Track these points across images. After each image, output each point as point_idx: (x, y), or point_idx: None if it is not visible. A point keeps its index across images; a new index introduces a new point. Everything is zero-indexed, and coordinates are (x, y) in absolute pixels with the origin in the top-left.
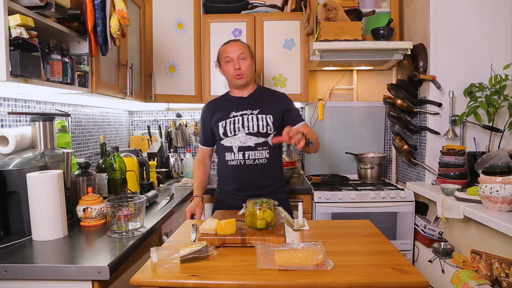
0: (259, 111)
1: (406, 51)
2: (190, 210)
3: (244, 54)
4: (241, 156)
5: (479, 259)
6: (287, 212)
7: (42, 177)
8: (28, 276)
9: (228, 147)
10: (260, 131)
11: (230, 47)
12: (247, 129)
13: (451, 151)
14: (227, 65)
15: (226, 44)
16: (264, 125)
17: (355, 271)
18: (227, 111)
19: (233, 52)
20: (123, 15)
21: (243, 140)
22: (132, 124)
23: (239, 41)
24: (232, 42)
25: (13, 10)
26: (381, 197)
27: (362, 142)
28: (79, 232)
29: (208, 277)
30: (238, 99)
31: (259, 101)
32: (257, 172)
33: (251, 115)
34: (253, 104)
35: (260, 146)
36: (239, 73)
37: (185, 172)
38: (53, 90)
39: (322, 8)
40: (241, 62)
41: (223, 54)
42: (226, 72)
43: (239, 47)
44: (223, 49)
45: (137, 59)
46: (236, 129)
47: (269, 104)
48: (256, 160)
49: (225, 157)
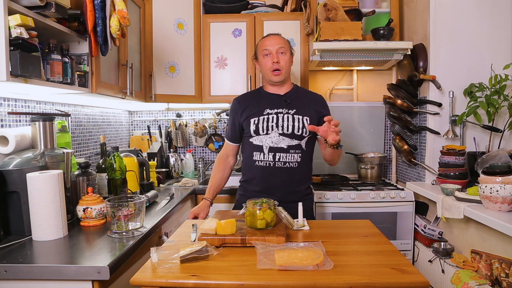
0: (295, 111)
1: (406, 51)
2: (194, 212)
3: (283, 49)
4: (271, 157)
5: (479, 259)
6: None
7: (42, 177)
8: (28, 276)
9: (257, 146)
10: (295, 133)
11: (269, 40)
12: (281, 129)
13: (451, 151)
14: (264, 59)
15: (266, 37)
16: (300, 127)
17: (355, 271)
18: (261, 107)
19: (272, 45)
20: (123, 15)
21: (275, 141)
22: (132, 124)
23: (279, 35)
24: (272, 35)
25: (13, 10)
26: (381, 197)
27: (362, 142)
28: (79, 232)
29: (208, 277)
30: (273, 96)
31: (297, 101)
32: (286, 176)
33: (286, 114)
34: (290, 103)
35: (293, 149)
36: (277, 67)
37: (185, 172)
38: (53, 90)
39: (322, 8)
40: (280, 56)
41: (261, 47)
42: (263, 66)
43: (279, 40)
44: (261, 42)
45: (137, 59)
46: (270, 127)
47: (307, 104)
48: (287, 163)
49: (253, 156)
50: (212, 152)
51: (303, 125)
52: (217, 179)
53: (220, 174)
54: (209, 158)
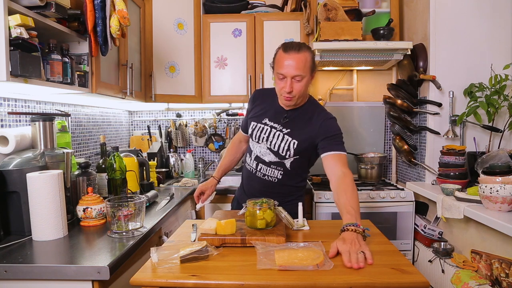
0: (288, 132)
1: (406, 51)
2: (201, 188)
3: (300, 77)
4: (254, 165)
5: (479, 259)
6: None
7: (42, 177)
8: (28, 276)
9: (250, 149)
10: (279, 152)
11: (289, 61)
12: (270, 144)
13: (451, 151)
14: (278, 80)
15: (286, 53)
16: (285, 149)
17: (355, 271)
18: (264, 114)
19: (289, 72)
20: (123, 15)
21: (262, 152)
22: (132, 124)
23: (302, 53)
24: (293, 53)
25: (13, 10)
26: (381, 197)
27: (362, 142)
28: (79, 232)
29: (208, 277)
30: (278, 108)
31: (295, 121)
32: (264, 186)
33: (279, 132)
34: (287, 122)
35: (275, 165)
36: (288, 96)
37: (185, 172)
38: (53, 90)
39: (322, 8)
40: (295, 84)
41: (279, 65)
42: (276, 85)
43: (299, 64)
44: (280, 58)
45: (137, 59)
46: (261, 138)
47: (303, 128)
48: (266, 176)
49: (246, 156)
50: (212, 152)
51: (288, 147)
52: (227, 160)
53: (231, 156)
54: (209, 158)
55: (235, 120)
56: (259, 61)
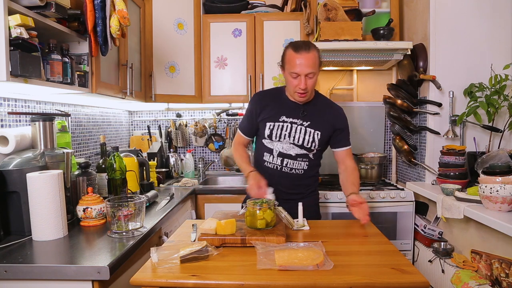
0: (309, 124)
1: (406, 51)
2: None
3: (312, 74)
4: (279, 161)
5: (479, 259)
6: (287, 214)
7: (42, 177)
8: (28, 276)
9: (268, 148)
10: (304, 145)
11: (301, 60)
12: (293, 139)
13: (451, 151)
14: (291, 78)
15: (297, 52)
16: (310, 141)
17: (355, 271)
18: (278, 112)
19: (302, 70)
20: (123, 15)
21: (285, 147)
22: (132, 124)
23: (311, 52)
24: (304, 53)
25: (13, 10)
26: (381, 197)
27: (362, 142)
28: (79, 232)
29: (208, 277)
30: (292, 104)
31: (313, 113)
32: (291, 181)
33: (300, 126)
34: (306, 115)
35: (301, 157)
36: (303, 92)
37: (185, 172)
38: (53, 90)
39: (322, 8)
40: (308, 81)
41: (291, 65)
42: (289, 83)
43: (310, 62)
44: (291, 57)
45: (137, 59)
46: (282, 136)
47: (322, 118)
48: (294, 169)
49: (263, 156)
50: (212, 152)
51: (313, 139)
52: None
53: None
54: (209, 158)
55: (235, 120)
56: (259, 61)
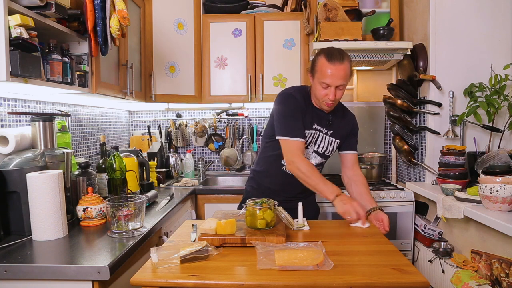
0: (332, 133)
1: (406, 51)
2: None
3: (343, 86)
4: None
5: (479, 259)
6: (287, 213)
7: (42, 177)
8: (28, 276)
9: None
10: (325, 154)
11: (334, 70)
12: (317, 147)
13: (451, 151)
14: (320, 87)
15: (330, 62)
16: (330, 150)
17: (355, 271)
18: (311, 119)
19: (334, 81)
20: (123, 15)
21: (307, 155)
22: (132, 124)
23: (345, 63)
24: (337, 63)
25: (13, 10)
26: (381, 197)
27: (362, 142)
28: (79, 232)
29: (208, 277)
30: (320, 112)
31: (335, 122)
32: (301, 186)
33: (325, 134)
34: (331, 124)
35: (318, 167)
36: (331, 103)
37: (185, 172)
38: (53, 90)
39: (322, 8)
40: (338, 92)
41: (322, 74)
42: (318, 91)
43: (342, 73)
44: (323, 66)
45: (137, 59)
46: (310, 143)
47: (341, 127)
48: None
49: (281, 160)
50: (212, 152)
51: (333, 147)
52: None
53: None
54: (209, 158)
55: (235, 120)
56: (259, 61)
